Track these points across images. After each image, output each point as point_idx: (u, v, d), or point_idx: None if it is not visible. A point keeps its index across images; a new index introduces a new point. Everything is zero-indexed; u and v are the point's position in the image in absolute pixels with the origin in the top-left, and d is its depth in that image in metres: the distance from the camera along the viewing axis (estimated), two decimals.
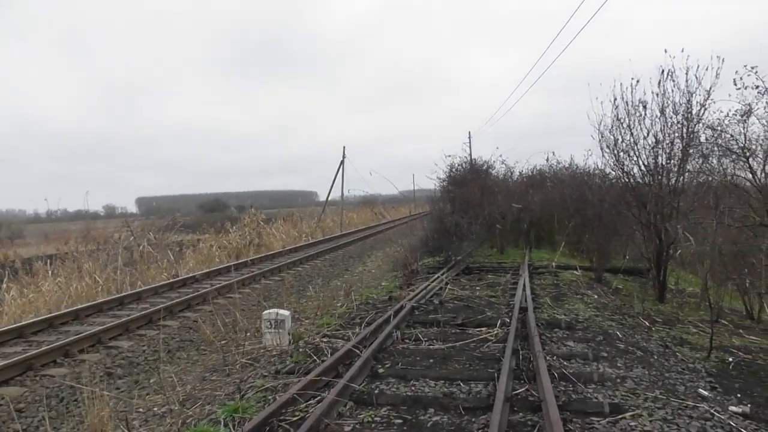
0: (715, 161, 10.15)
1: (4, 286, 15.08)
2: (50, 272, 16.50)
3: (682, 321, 9.56)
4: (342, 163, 38.72)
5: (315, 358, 6.52)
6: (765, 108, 8.47)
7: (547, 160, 22.46)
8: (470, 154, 26.10)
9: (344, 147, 38.09)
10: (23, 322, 9.73)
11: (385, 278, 14.95)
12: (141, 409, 6.15)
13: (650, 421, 4.56)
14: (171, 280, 14.33)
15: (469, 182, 18.09)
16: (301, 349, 7.08)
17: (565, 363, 6.13)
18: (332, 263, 18.70)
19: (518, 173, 20.56)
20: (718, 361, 7.05)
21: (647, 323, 9.04)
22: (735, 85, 8.24)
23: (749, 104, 9.12)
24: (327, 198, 41.04)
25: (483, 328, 7.93)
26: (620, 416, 4.64)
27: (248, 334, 8.97)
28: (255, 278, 14.77)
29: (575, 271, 13.46)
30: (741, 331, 9.11)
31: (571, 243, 16.59)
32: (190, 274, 15.70)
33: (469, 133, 44.22)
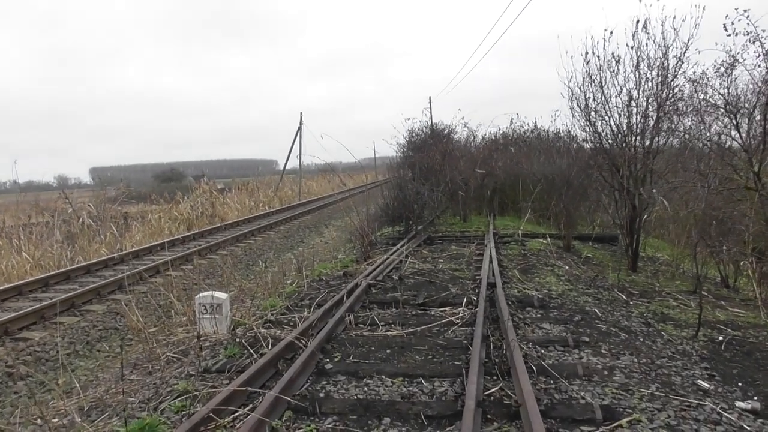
0: (695, 119, 9.39)
1: None
2: None
3: (660, 293, 8.90)
4: (299, 129, 37.33)
5: (252, 351, 5.53)
6: (757, 57, 7.70)
7: (511, 122, 21.68)
8: (431, 119, 25.14)
9: (301, 113, 36.77)
10: None
11: (341, 250, 13.98)
12: (38, 421, 5.07)
13: (651, 430, 3.74)
14: (106, 257, 13.04)
15: (430, 147, 17.15)
16: (238, 339, 6.07)
17: (542, 352, 5.28)
18: (287, 234, 17.62)
19: (481, 137, 19.67)
20: (707, 341, 6.34)
21: (624, 297, 8.33)
22: (725, 30, 7.43)
23: (733, 55, 8.33)
24: (284, 166, 39.76)
25: (447, 308, 7.06)
26: (615, 424, 3.81)
27: (184, 319, 7.94)
28: (201, 252, 13.61)
29: (543, 240, 12.74)
30: (722, 302, 8.49)
31: (537, 210, 15.88)
32: (133, 249, 14.46)
33: (430, 98, 43.11)
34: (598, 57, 10.47)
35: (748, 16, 7.23)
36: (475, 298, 7.24)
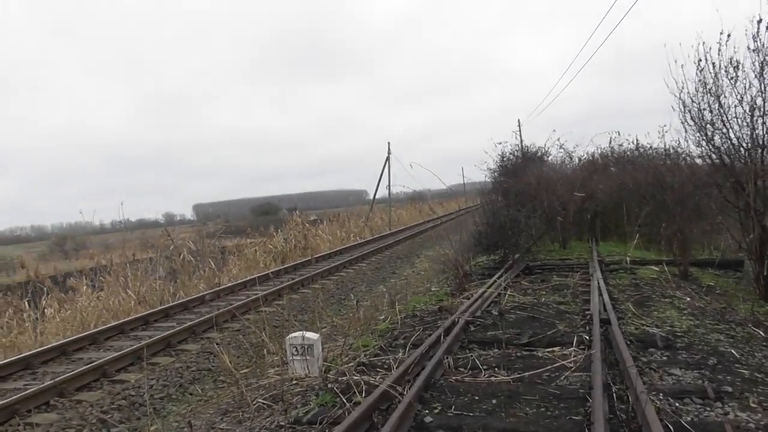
0: None
1: (43, 302, 14.43)
2: (90, 286, 15.76)
3: None
4: (388, 159, 37.40)
5: (344, 399, 5.13)
6: None
7: (610, 141, 20.44)
8: (521, 141, 24.32)
9: (389, 143, 36.83)
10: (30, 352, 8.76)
11: (434, 282, 13.48)
12: None
13: None
14: (202, 293, 13.26)
15: (523, 171, 16.40)
16: (330, 385, 5.71)
17: (677, 405, 4.52)
18: (378, 266, 17.34)
19: (578, 159, 18.63)
20: None
21: (762, 333, 7.26)
22: None
23: None
24: (374, 196, 39.80)
25: (556, 349, 6.38)
26: None
27: (276, 358, 7.70)
28: (293, 287, 13.55)
29: (655, 267, 11.63)
30: None
31: (644, 234, 14.65)
32: (229, 283, 14.70)
33: (519, 120, 42.16)
34: (713, 64, 9.48)
35: None
36: (588, 337, 6.52)
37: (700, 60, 9.55)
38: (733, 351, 6.05)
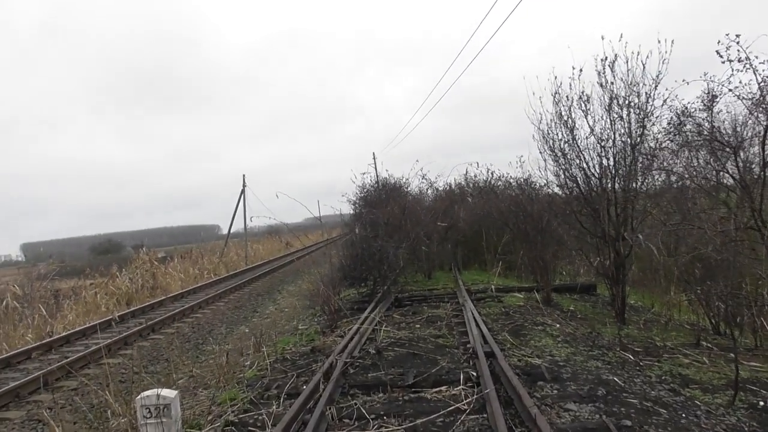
0: (685, 156, 8.84)
1: None
2: None
3: (662, 348, 8.08)
4: (243, 192, 36.02)
5: None
6: (744, 86, 7.18)
7: (466, 172, 21.15)
8: (377, 174, 24.48)
9: (244, 175, 35.59)
10: None
11: (301, 319, 12.71)
12: None
13: None
14: (29, 346, 11.28)
15: (386, 201, 16.28)
16: None
17: None
18: (238, 304, 16.12)
19: (438, 188, 18.95)
20: (748, 408, 5.48)
21: (631, 357, 7.44)
22: (720, 56, 6.93)
23: (711, 90, 7.85)
24: (229, 230, 38.01)
25: (443, 388, 5.95)
26: None
27: (123, 421, 6.49)
28: (142, 333, 12.02)
29: (518, 294, 11.88)
30: (731, 354, 7.72)
31: (504, 261, 15.07)
32: (64, 333, 12.72)
33: (374, 153, 42.95)
34: (567, 97, 9.95)
35: (738, 42, 6.76)
36: (474, 374, 6.18)
37: (556, 92, 9.96)
38: (615, 379, 6.02)
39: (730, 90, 7.11)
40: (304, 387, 6.08)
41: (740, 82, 7.19)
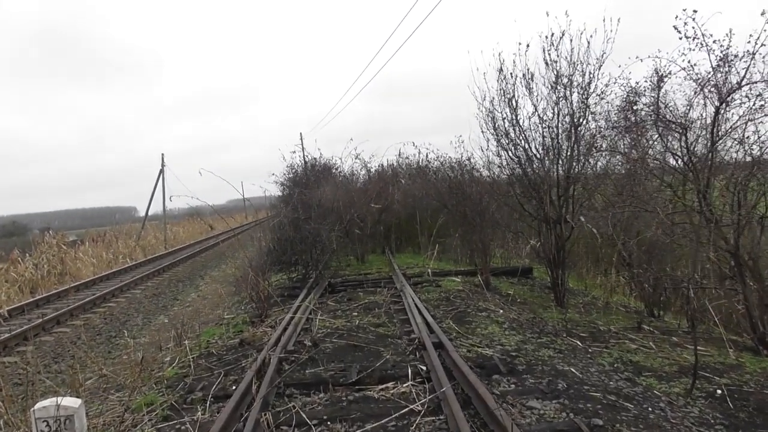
0: (631, 137, 8.61)
1: None
2: None
3: (607, 333, 7.90)
4: (161, 171, 34.18)
5: None
6: (694, 67, 6.97)
7: (399, 153, 20.64)
8: (304, 154, 23.63)
9: (162, 154, 33.86)
10: None
11: (227, 307, 11.84)
12: None
13: None
14: None
15: (318, 183, 15.54)
16: None
17: None
18: (156, 292, 14.95)
19: (371, 170, 18.33)
20: (706, 396, 5.27)
21: (579, 343, 7.19)
22: (678, 32, 6.67)
23: (660, 68, 7.62)
24: (146, 211, 36.12)
25: (390, 385, 5.41)
26: None
27: None
28: (45, 326, 10.78)
29: (456, 278, 11.53)
30: (674, 338, 7.65)
31: (440, 244, 14.71)
32: None
33: (301, 134, 41.96)
34: (511, 74, 9.57)
35: (694, 18, 6.53)
36: (423, 367, 5.68)
37: (501, 68, 9.56)
38: (572, 369, 5.69)
39: (683, 69, 6.87)
40: (234, 388, 5.38)
41: (689, 62, 6.98)
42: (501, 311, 8.59)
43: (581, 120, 9.43)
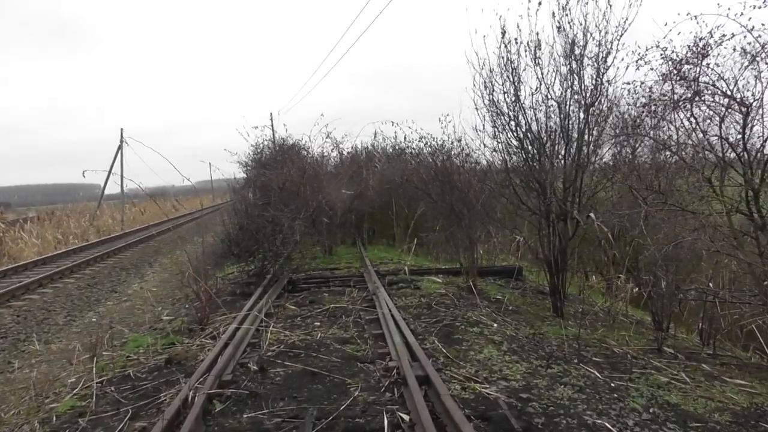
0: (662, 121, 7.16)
1: None
2: None
3: (625, 357, 6.47)
4: (120, 147, 32.00)
5: None
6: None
7: (375, 134, 19.01)
8: (273, 133, 21.81)
9: (122, 129, 31.64)
10: None
11: (170, 303, 10.17)
12: None
13: None
14: None
15: (283, 164, 13.82)
16: None
17: None
18: (94, 281, 13.09)
19: (343, 152, 16.62)
20: None
21: (597, 374, 5.72)
22: None
23: (708, 34, 6.15)
24: (103, 189, 33.90)
25: None
26: None
27: None
28: None
29: (436, 278, 10.03)
30: (705, 366, 6.26)
31: (419, 238, 13.17)
32: None
33: (271, 114, 40.29)
34: (515, 40, 8.02)
35: None
36: (405, 417, 4.13)
37: (503, 32, 7.99)
38: (605, 423, 4.20)
39: (743, 26, 5.39)
40: None
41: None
42: (495, 325, 7.08)
43: (593, 99, 7.97)
